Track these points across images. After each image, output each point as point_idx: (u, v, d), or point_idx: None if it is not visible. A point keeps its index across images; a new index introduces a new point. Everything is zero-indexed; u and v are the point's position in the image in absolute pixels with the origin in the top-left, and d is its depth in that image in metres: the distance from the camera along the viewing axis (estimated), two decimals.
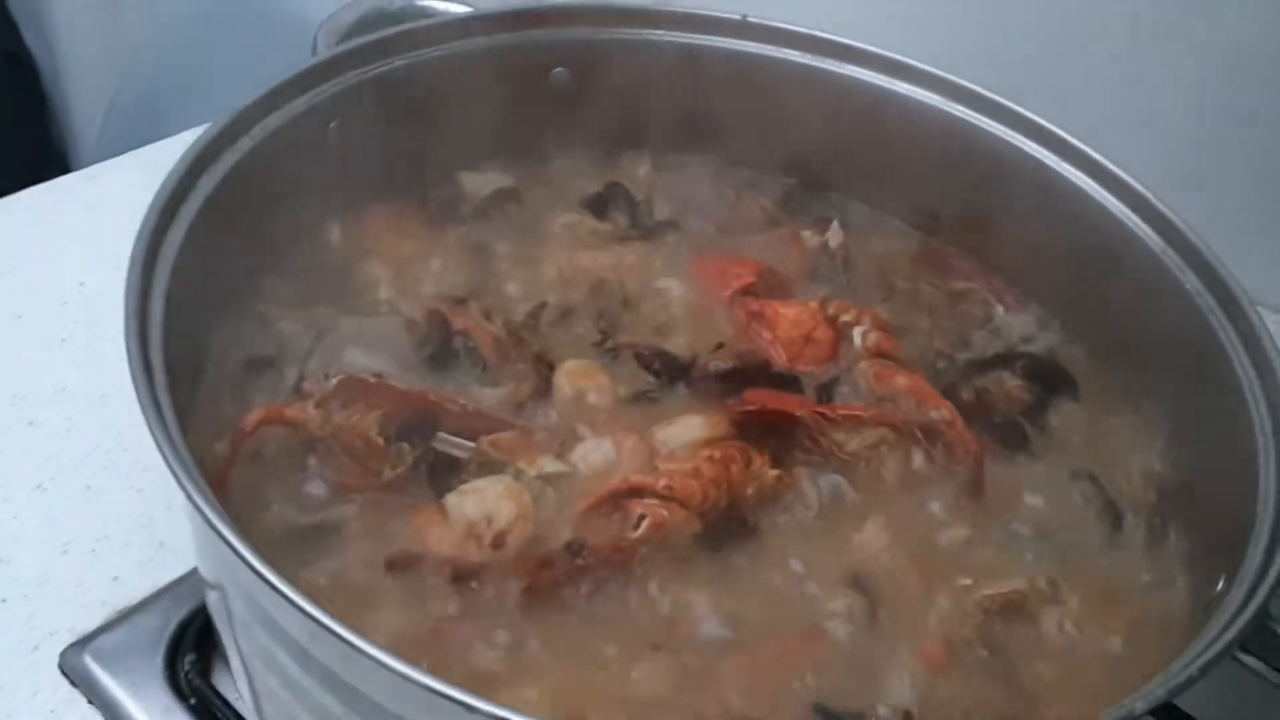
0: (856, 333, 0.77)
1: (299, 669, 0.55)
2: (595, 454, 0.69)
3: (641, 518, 0.64)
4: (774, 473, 0.68)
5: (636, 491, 0.65)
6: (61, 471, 0.86)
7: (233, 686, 0.72)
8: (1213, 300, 0.71)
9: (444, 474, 0.66)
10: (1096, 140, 0.80)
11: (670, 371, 0.75)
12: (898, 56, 0.87)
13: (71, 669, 0.74)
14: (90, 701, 0.72)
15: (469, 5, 0.87)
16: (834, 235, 0.88)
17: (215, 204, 0.67)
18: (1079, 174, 0.81)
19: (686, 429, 0.70)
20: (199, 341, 0.68)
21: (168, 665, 0.74)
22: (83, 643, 0.75)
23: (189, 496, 0.51)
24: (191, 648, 0.74)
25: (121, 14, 1.82)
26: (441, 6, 0.86)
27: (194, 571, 0.79)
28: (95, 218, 1.07)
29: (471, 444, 0.67)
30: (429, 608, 0.60)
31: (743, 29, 0.90)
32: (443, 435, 0.67)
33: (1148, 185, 0.77)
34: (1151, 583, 0.67)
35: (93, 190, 1.11)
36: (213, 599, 0.66)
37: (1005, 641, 0.63)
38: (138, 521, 0.84)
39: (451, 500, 0.64)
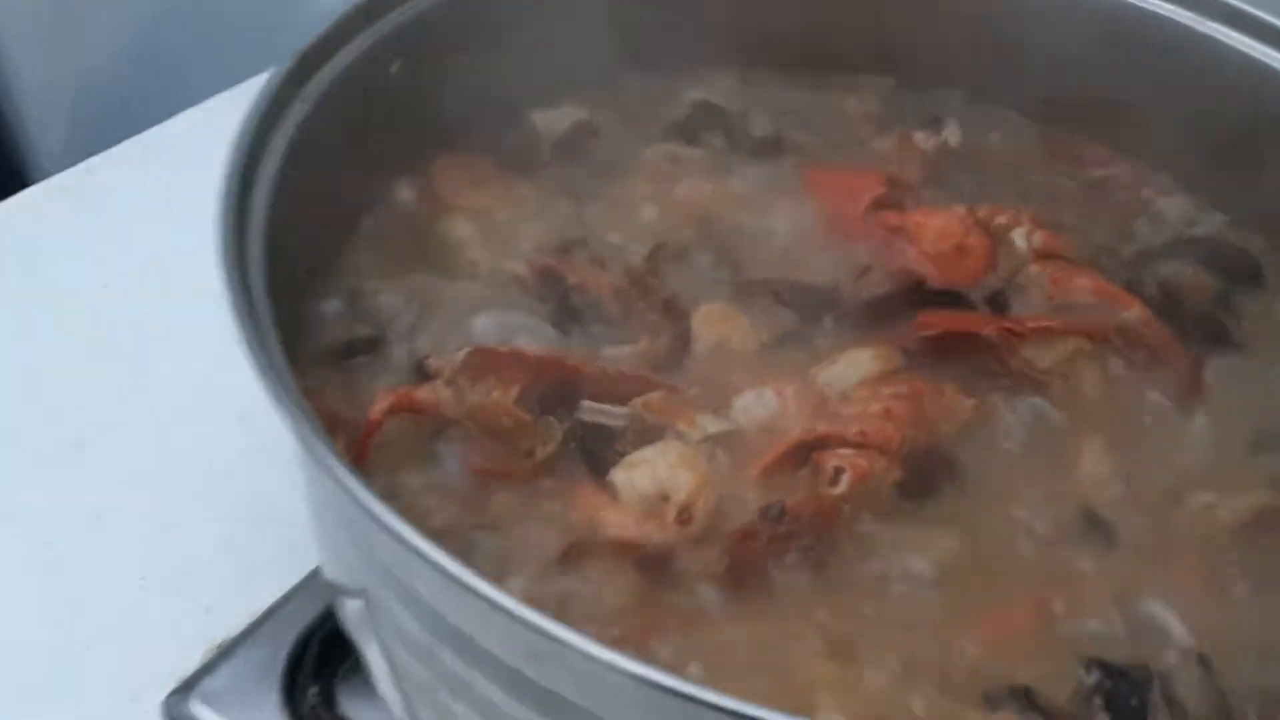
0: (1017, 235, 0.68)
1: (486, 680, 0.46)
2: (758, 406, 0.60)
3: (839, 471, 0.55)
4: (970, 402, 0.59)
5: (823, 442, 0.57)
6: (119, 496, 0.77)
7: (366, 711, 0.63)
8: None
9: (598, 447, 0.57)
10: None
11: (814, 305, 0.66)
12: None
13: (178, 717, 0.65)
14: None
15: None
16: (952, 133, 0.79)
17: (291, 161, 0.57)
18: (1229, 32, 0.72)
19: (853, 366, 0.61)
20: (290, 327, 0.58)
21: (287, 700, 0.65)
22: (187, 686, 0.66)
23: (339, 481, 0.42)
24: (311, 678, 0.66)
25: (66, 15, 1.69)
26: None
27: (298, 591, 0.70)
28: (102, 218, 0.96)
29: (624, 409, 0.58)
30: (619, 600, 0.51)
31: None
32: (588, 404, 0.58)
33: None
34: None
35: (99, 187, 1.00)
36: (352, 610, 0.56)
37: (1270, 560, 0.55)
38: (217, 544, 0.75)
39: (620, 476, 0.55)
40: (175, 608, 0.71)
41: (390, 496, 0.54)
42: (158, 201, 0.97)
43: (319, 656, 0.66)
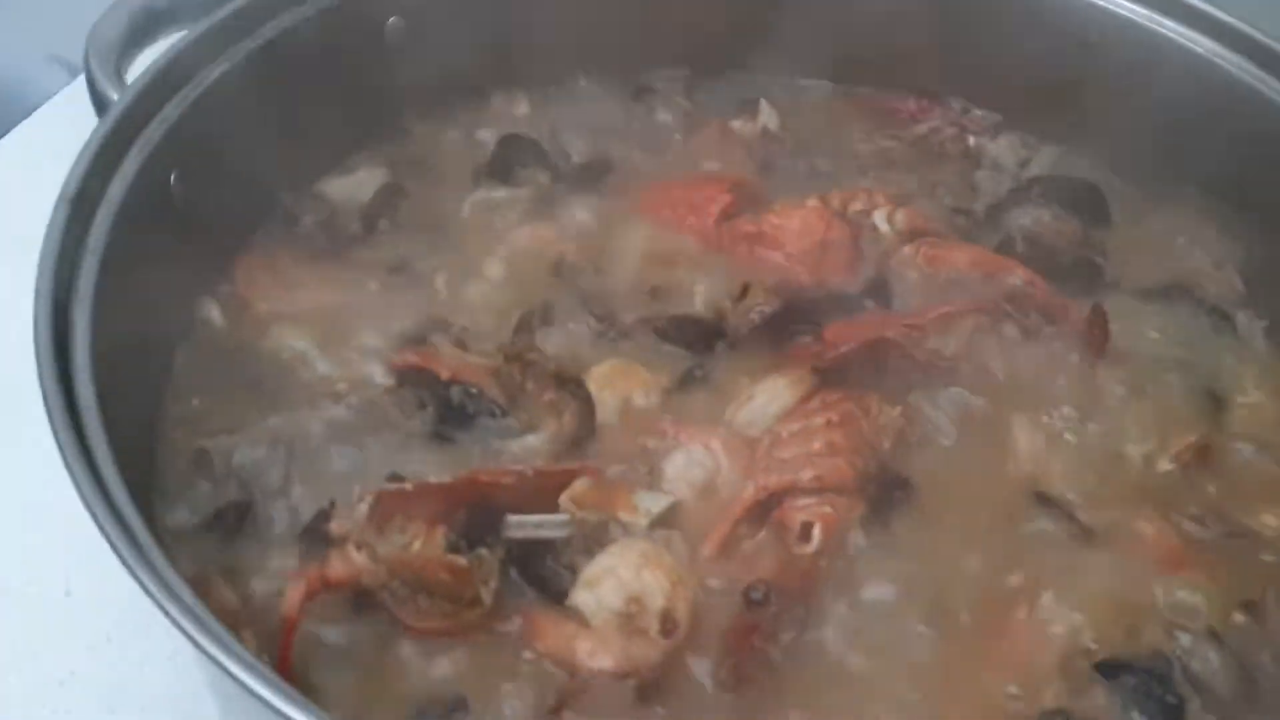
0: (878, 218, 0.66)
1: None
2: (691, 468, 0.55)
3: (807, 526, 0.51)
4: (897, 410, 0.57)
5: (778, 496, 0.53)
6: None
7: None
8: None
9: (542, 566, 0.51)
10: None
11: (702, 336, 0.61)
12: None
13: None
14: None
15: None
16: (768, 115, 0.76)
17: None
18: None
19: (771, 399, 0.57)
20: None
21: None
22: None
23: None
24: None
25: None
26: None
27: None
28: None
29: (559, 516, 0.51)
30: None
31: None
32: (514, 519, 0.51)
33: None
34: None
35: None
36: None
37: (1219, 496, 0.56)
38: None
39: (583, 598, 0.49)
40: None
41: (322, 693, 0.47)
42: None
43: None
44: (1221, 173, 0.68)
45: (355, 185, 0.70)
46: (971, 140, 0.75)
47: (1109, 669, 0.49)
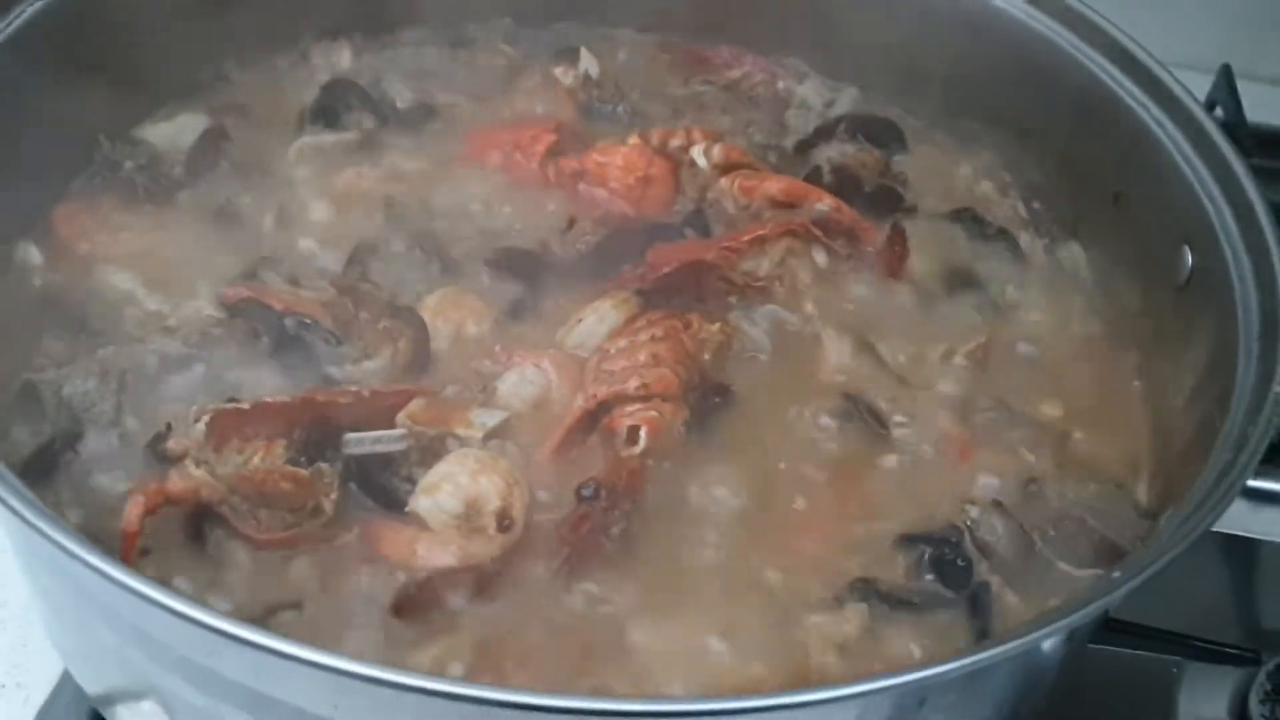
0: (696, 153, 0.69)
1: None
2: (523, 385, 0.57)
3: (635, 429, 0.54)
4: (716, 325, 0.60)
5: (607, 405, 0.55)
6: None
7: None
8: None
9: (383, 479, 0.52)
10: None
11: (531, 268, 0.64)
12: None
13: None
14: None
15: None
16: (588, 62, 0.79)
17: None
18: None
19: (599, 320, 0.60)
20: None
21: None
22: None
23: (123, 582, 0.37)
24: None
25: None
26: None
27: None
28: None
29: (396, 431, 0.53)
30: (476, 630, 0.48)
31: None
32: (353, 436, 0.53)
33: None
34: (1084, 277, 0.69)
35: None
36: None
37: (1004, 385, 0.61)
38: None
39: (423, 504, 0.51)
40: None
41: None
42: None
43: None
44: (1004, 108, 0.74)
45: (176, 130, 0.69)
46: (780, 84, 0.80)
47: (908, 540, 0.53)
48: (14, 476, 0.42)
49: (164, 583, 0.40)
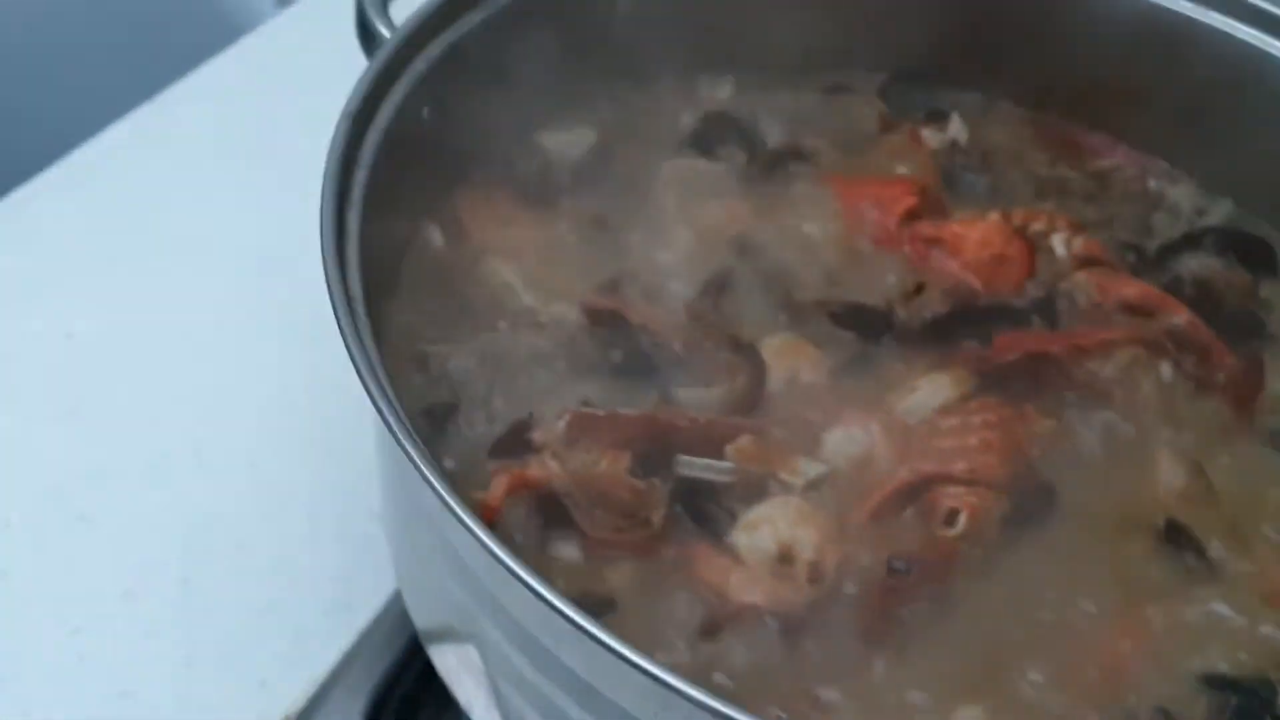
0: (1056, 241, 0.70)
1: None
2: (849, 445, 0.60)
3: (954, 512, 0.56)
4: (1050, 423, 0.61)
5: (931, 481, 0.57)
6: (147, 569, 0.73)
7: None
8: None
9: (706, 506, 0.56)
10: None
11: (872, 326, 0.66)
12: None
13: None
14: None
15: None
16: (958, 129, 0.80)
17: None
18: (1228, 20, 0.74)
19: (933, 393, 0.62)
20: None
21: None
22: None
23: (467, 525, 0.42)
24: None
25: None
26: None
27: (358, 653, 0.68)
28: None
29: (726, 464, 0.57)
30: (772, 671, 0.51)
31: None
32: (685, 459, 0.57)
33: None
34: None
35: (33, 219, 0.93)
36: (448, 659, 0.55)
37: None
38: (259, 610, 0.72)
39: (742, 539, 0.54)
40: (229, 688, 0.68)
41: None
42: (107, 226, 0.91)
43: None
44: None
45: (569, 142, 0.75)
46: (1151, 183, 0.78)
47: (1215, 683, 0.52)
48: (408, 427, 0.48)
49: None
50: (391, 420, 0.44)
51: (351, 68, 0.61)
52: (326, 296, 0.49)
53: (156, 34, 1.22)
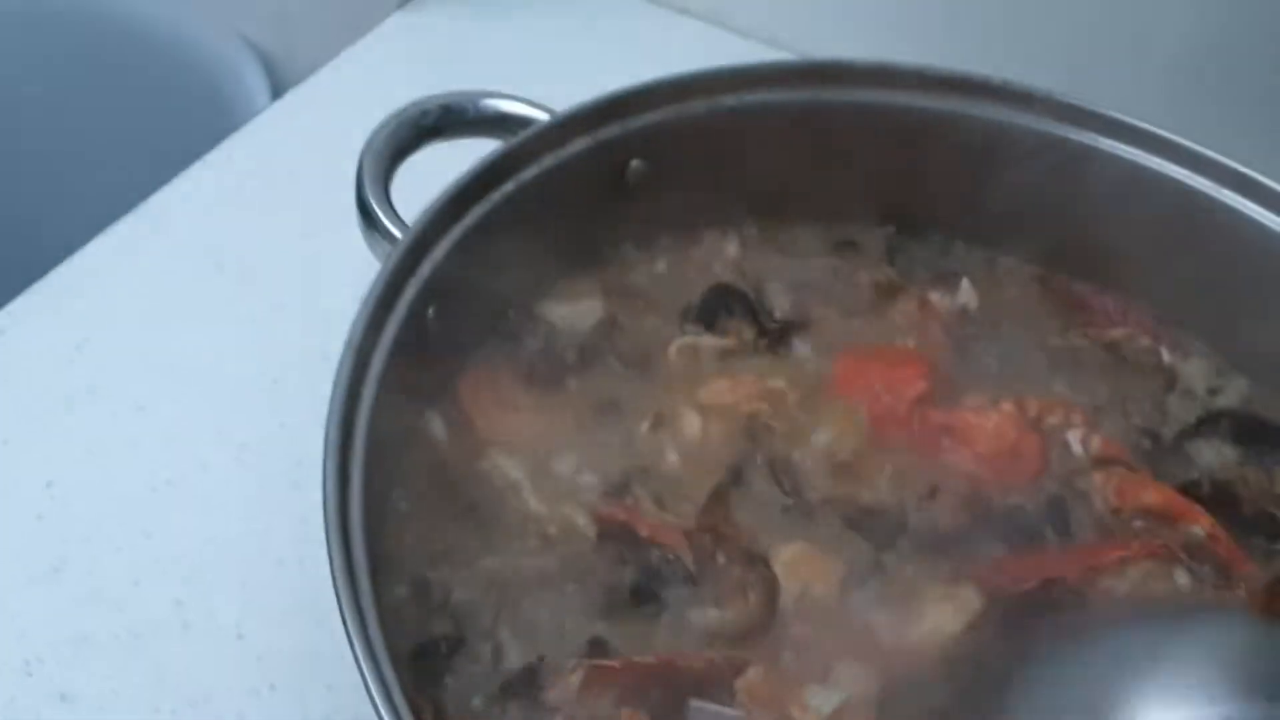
0: (1073, 438, 0.68)
1: None
2: (863, 679, 0.59)
3: None
4: None
5: None
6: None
7: None
8: None
9: None
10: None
11: (885, 531, 0.65)
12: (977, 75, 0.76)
13: None
14: None
15: (541, 109, 0.71)
16: (967, 295, 0.78)
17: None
18: (1243, 200, 0.73)
19: (940, 624, 0.61)
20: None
21: None
22: None
23: None
24: None
25: None
26: (509, 108, 0.70)
27: None
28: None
29: (736, 713, 0.55)
30: None
31: (802, 74, 0.77)
32: (696, 704, 0.56)
33: None
34: None
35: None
36: None
37: None
38: None
39: None
40: None
41: None
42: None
43: None
44: None
45: (575, 314, 0.74)
46: (1165, 356, 0.77)
47: None
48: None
49: None
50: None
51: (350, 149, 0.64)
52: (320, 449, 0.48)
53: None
